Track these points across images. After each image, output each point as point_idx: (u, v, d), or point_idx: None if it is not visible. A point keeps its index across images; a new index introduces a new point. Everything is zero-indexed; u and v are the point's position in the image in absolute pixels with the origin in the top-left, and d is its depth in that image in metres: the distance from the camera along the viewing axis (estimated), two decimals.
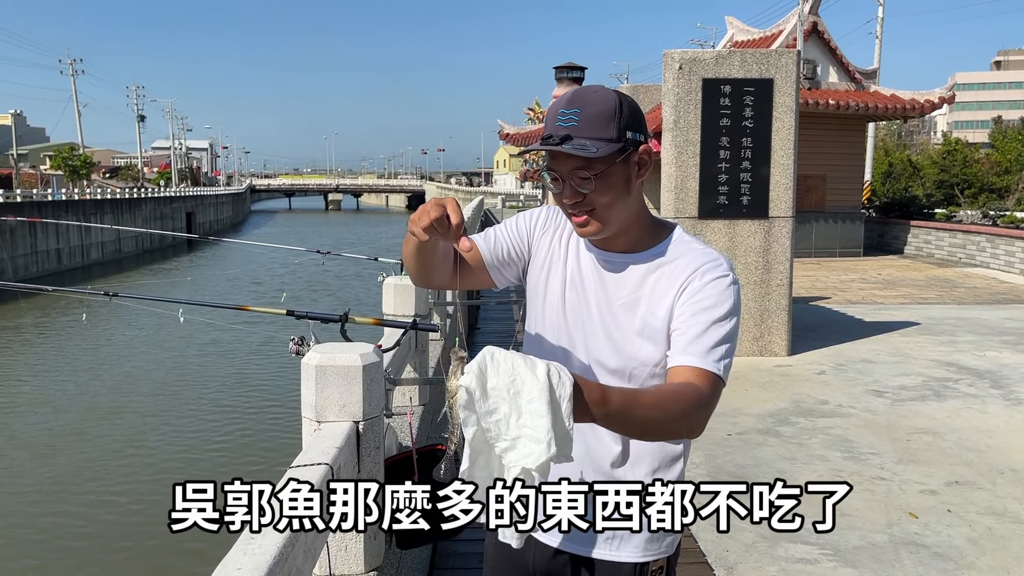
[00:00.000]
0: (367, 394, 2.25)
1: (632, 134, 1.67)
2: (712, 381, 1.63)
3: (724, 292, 1.69)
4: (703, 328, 1.67)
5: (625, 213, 1.74)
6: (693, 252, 1.76)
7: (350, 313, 2.57)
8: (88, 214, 39.77)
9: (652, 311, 1.74)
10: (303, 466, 1.88)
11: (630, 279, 1.77)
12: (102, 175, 77.74)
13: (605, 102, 1.65)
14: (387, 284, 4.15)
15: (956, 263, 19.66)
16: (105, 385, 14.81)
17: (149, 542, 8.40)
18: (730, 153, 8.89)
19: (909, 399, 7.42)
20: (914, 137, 65.58)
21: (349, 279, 28.19)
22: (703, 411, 1.59)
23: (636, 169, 1.71)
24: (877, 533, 4.58)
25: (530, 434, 1.28)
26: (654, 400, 1.51)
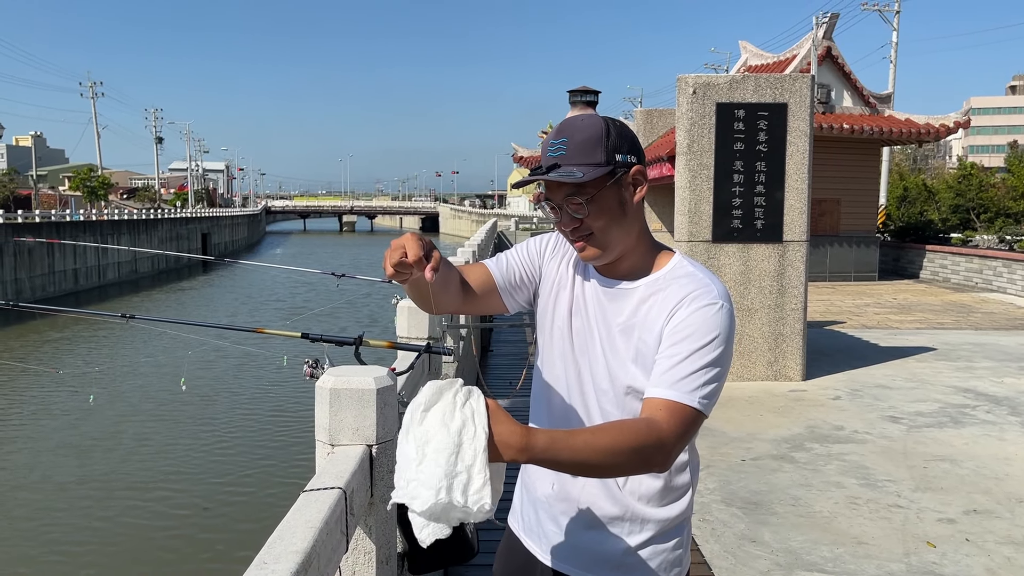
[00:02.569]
0: (381, 417, 2.25)
1: (622, 156, 1.69)
2: (679, 412, 1.59)
3: (710, 320, 1.66)
4: (681, 358, 1.64)
5: (623, 236, 1.75)
6: (686, 278, 1.74)
7: (364, 336, 2.58)
8: (105, 235, 40.14)
9: (643, 339, 1.73)
10: (316, 490, 1.88)
11: (627, 305, 1.78)
12: (120, 196, 78.53)
13: (591, 128, 1.68)
14: (401, 307, 4.16)
15: (972, 288, 19.53)
16: (115, 407, 14.82)
17: (153, 569, 8.40)
18: (744, 177, 8.89)
19: (926, 425, 7.35)
20: (929, 161, 65.44)
21: (363, 300, 28.25)
22: (657, 444, 1.53)
23: (630, 190, 1.73)
24: (894, 562, 4.52)
25: (424, 480, 1.37)
26: (586, 441, 1.47)
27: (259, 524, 9.16)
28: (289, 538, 1.61)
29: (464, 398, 1.41)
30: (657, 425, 1.56)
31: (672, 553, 1.85)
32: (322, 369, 2.50)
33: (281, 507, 6.40)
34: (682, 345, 1.65)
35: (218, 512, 9.77)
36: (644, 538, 1.82)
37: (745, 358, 8.91)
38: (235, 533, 9.12)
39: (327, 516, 1.73)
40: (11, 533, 9.21)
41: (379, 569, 2.28)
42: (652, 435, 1.53)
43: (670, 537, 1.85)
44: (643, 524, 1.82)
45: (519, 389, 7.31)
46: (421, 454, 1.39)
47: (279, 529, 1.66)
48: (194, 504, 9.96)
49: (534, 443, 1.41)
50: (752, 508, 5.33)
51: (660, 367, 1.66)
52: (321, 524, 1.68)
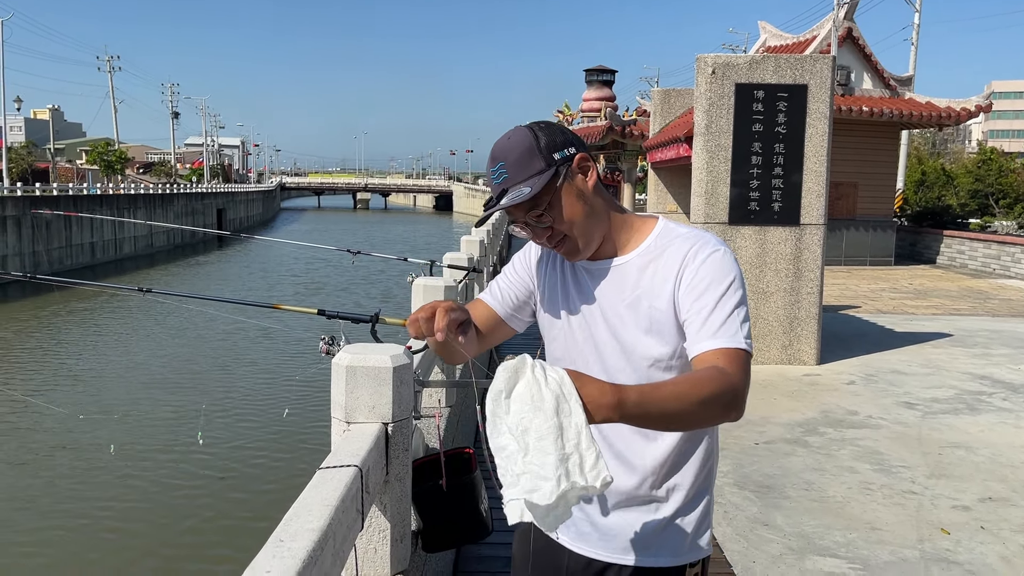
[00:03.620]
0: (397, 396, 2.24)
1: (559, 154, 1.71)
2: (735, 356, 1.62)
3: (720, 265, 1.70)
4: (711, 308, 1.67)
5: (596, 223, 1.77)
6: (679, 239, 1.77)
7: (381, 313, 2.56)
8: (122, 208, 40.32)
9: (655, 305, 1.74)
10: (332, 468, 1.87)
11: (627, 279, 1.78)
12: (136, 170, 78.83)
13: (521, 142, 1.71)
14: (416, 285, 4.15)
15: (990, 274, 19.36)
16: (129, 379, 14.94)
17: (170, 541, 8.48)
18: (762, 159, 8.81)
19: (941, 412, 7.30)
20: (948, 146, 64.84)
21: (377, 277, 28.32)
22: (733, 390, 1.56)
23: (581, 179, 1.75)
24: (908, 549, 4.50)
25: (536, 471, 1.31)
26: (673, 391, 1.49)
27: (273, 497, 9.24)
28: (305, 516, 1.60)
29: (543, 373, 1.36)
30: (723, 370, 1.58)
31: (697, 527, 1.85)
32: (338, 346, 2.49)
33: (295, 481, 6.49)
34: (706, 297, 1.68)
35: (233, 484, 9.85)
36: (668, 514, 1.82)
37: (759, 341, 8.86)
38: (251, 505, 9.19)
39: (343, 494, 1.73)
40: (30, 497, 9.33)
41: (393, 547, 2.28)
42: (726, 381, 1.55)
43: (693, 510, 1.85)
44: (666, 500, 1.82)
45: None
46: (523, 444, 1.33)
47: (295, 507, 1.65)
48: (207, 475, 10.04)
49: (626, 399, 1.40)
50: (765, 492, 5.32)
51: (694, 323, 1.68)
52: (337, 502, 1.68)
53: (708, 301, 1.68)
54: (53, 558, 8.05)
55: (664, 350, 1.75)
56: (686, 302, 1.70)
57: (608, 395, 1.38)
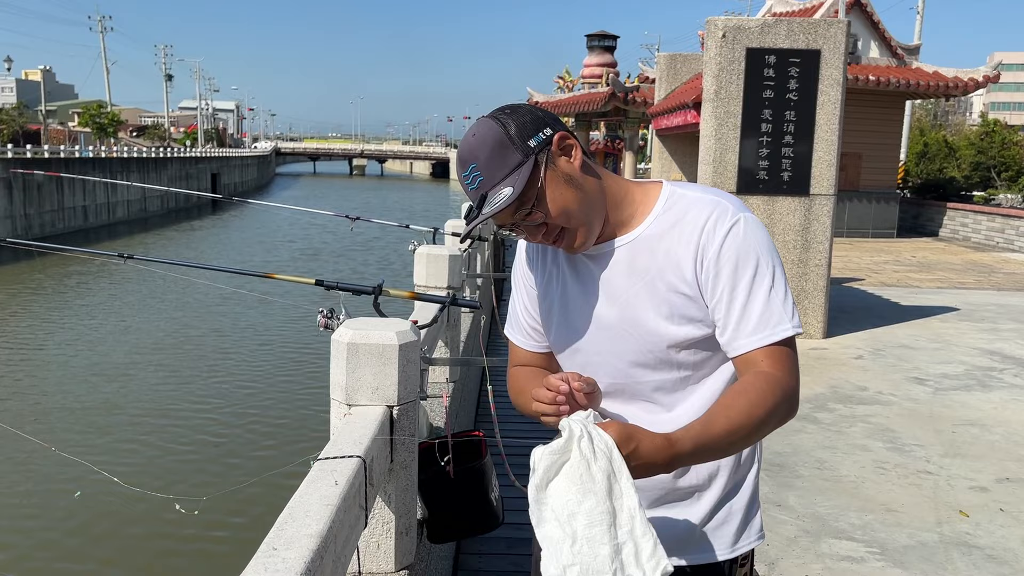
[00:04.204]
0: (403, 376, 2.04)
1: (534, 139, 1.50)
2: (780, 354, 1.50)
3: (744, 238, 1.51)
4: (744, 298, 1.50)
5: (593, 207, 1.55)
6: (693, 206, 1.55)
7: (384, 285, 2.35)
8: (115, 172, 39.84)
9: (672, 286, 1.54)
10: (333, 458, 1.67)
11: (637, 261, 1.57)
12: (129, 133, 78.01)
13: (489, 136, 1.49)
14: (419, 254, 3.92)
15: (993, 248, 19.17)
16: (108, 355, 14.35)
17: (157, 543, 8.32)
18: (772, 127, 8.55)
19: (952, 388, 7.14)
20: (949, 117, 64.38)
21: (376, 243, 28.05)
22: (787, 397, 1.47)
23: (565, 160, 1.53)
24: (926, 532, 4.34)
25: (587, 562, 1.20)
26: (727, 427, 1.40)
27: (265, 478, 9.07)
28: (302, 518, 1.40)
29: (591, 447, 1.23)
30: (773, 377, 1.47)
31: (746, 513, 1.68)
32: (338, 320, 2.29)
33: (289, 453, 6.21)
34: (736, 283, 1.50)
35: (220, 461, 9.69)
36: (712, 504, 1.65)
37: None
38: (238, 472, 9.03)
39: (345, 491, 1.53)
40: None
41: (398, 540, 2.09)
42: (778, 390, 1.45)
43: (740, 494, 1.68)
44: (708, 488, 1.64)
45: None
46: (570, 531, 1.21)
47: (291, 507, 1.45)
48: (194, 451, 9.87)
49: (680, 452, 1.34)
50: (776, 470, 5.15)
51: (729, 318, 1.51)
52: (339, 501, 1.48)
53: (740, 289, 1.50)
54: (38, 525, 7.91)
55: (689, 332, 1.56)
56: (713, 289, 1.52)
57: (662, 452, 1.32)
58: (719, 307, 1.52)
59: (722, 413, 1.44)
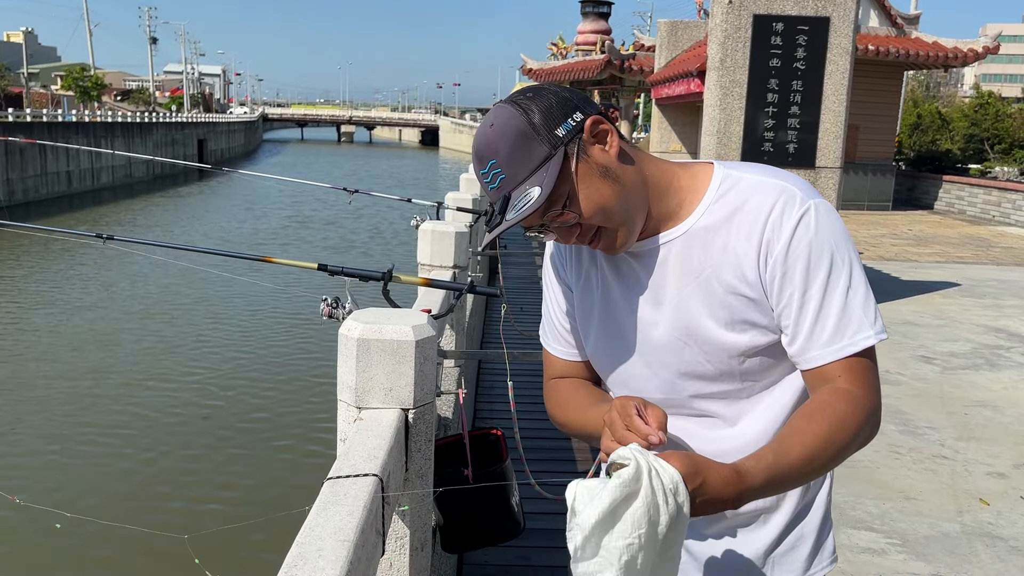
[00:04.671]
0: (419, 375, 1.81)
1: (563, 127, 1.26)
2: (860, 367, 1.29)
3: (818, 232, 1.29)
4: (817, 304, 1.28)
5: (634, 200, 1.31)
6: (753, 192, 1.32)
7: (394, 270, 2.12)
8: (99, 137, 39.13)
9: (731, 287, 1.32)
10: (344, 477, 1.45)
11: (689, 259, 1.35)
12: (113, 97, 76.79)
13: (510, 127, 1.26)
14: (423, 231, 3.67)
15: (989, 221, 19.04)
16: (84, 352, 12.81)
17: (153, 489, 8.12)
18: (779, 96, 8.30)
19: (960, 367, 6.99)
20: (941, 89, 64.10)
21: (372, 216, 27.66)
22: (869, 418, 1.28)
23: (600, 148, 1.28)
24: (947, 522, 4.18)
25: None
26: (803, 456, 1.23)
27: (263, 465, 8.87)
28: (314, 559, 1.19)
29: (660, 482, 1.09)
30: (853, 396, 1.27)
31: (819, 533, 1.48)
32: (343, 308, 2.06)
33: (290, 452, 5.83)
34: (810, 287, 1.29)
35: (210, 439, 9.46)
36: (782, 526, 1.45)
37: None
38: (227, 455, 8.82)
39: (362, 521, 1.31)
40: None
41: (413, 557, 1.88)
42: (860, 411, 1.27)
43: (812, 513, 1.48)
44: (776, 509, 1.44)
45: None
46: None
47: (300, 544, 1.23)
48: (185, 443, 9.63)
49: (751, 486, 1.18)
50: None
51: (801, 326, 1.29)
52: (356, 536, 1.26)
53: (812, 292, 1.28)
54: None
55: (753, 339, 1.34)
56: (780, 291, 1.30)
57: (731, 487, 1.16)
58: (787, 312, 1.31)
59: (797, 439, 1.24)
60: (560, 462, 4.71)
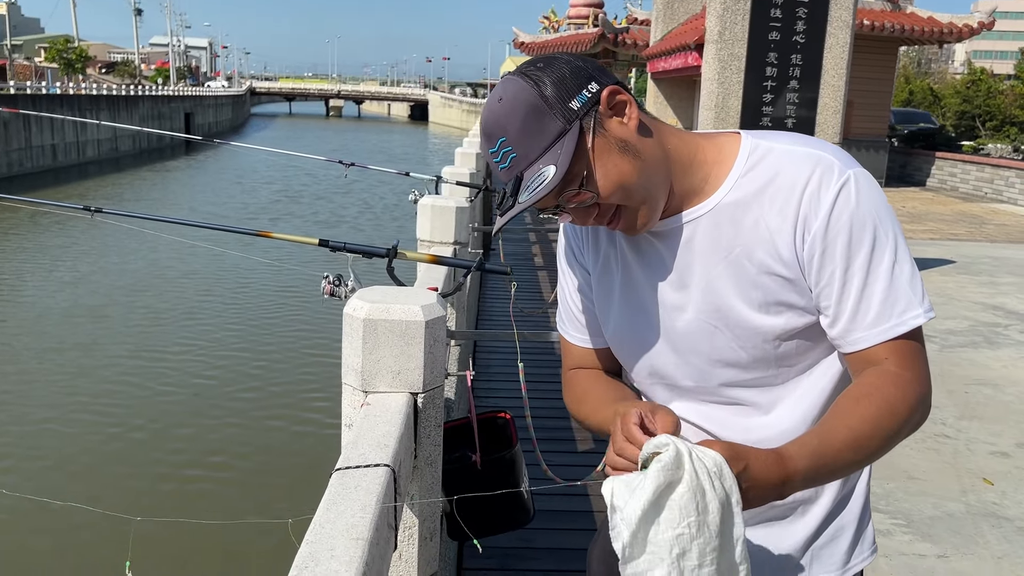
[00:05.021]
0: (429, 358, 1.72)
1: (578, 100, 1.16)
2: (907, 349, 1.21)
3: (859, 205, 1.19)
4: (860, 283, 1.19)
5: (656, 176, 1.21)
6: (785, 163, 1.23)
7: (399, 246, 2.02)
8: (84, 110, 38.59)
9: (764, 267, 1.23)
10: (354, 468, 1.35)
11: (718, 238, 1.25)
12: (98, 70, 75.82)
13: (520, 102, 1.16)
14: (423, 205, 3.54)
15: (982, 198, 19.02)
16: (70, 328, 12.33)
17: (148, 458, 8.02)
18: (778, 71, 8.18)
19: (959, 345, 6.94)
20: (932, 66, 63.98)
21: (365, 189, 27.43)
22: (920, 402, 1.21)
23: (618, 122, 1.18)
24: (951, 502, 4.14)
25: None
26: (849, 441, 1.16)
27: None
28: (327, 561, 1.09)
29: (703, 466, 1.02)
30: (902, 379, 1.19)
31: (858, 526, 1.40)
32: (345, 286, 1.96)
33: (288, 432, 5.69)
34: (852, 263, 1.19)
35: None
36: (819, 519, 1.36)
37: None
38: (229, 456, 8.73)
39: (375, 517, 1.21)
40: None
41: (422, 547, 1.79)
42: (910, 395, 1.19)
43: (851, 505, 1.39)
44: (815, 501, 1.36)
45: (552, 300, 6.70)
46: (678, 570, 1.03)
47: (310, 543, 1.14)
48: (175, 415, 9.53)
49: (795, 472, 1.11)
50: None
51: (843, 307, 1.21)
52: (370, 534, 1.17)
53: (855, 270, 1.19)
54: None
55: (789, 322, 1.25)
56: (820, 269, 1.21)
57: (774, 472, 1.09)
58: (828, 292, 1.21)
59: (842, 423, 1.17)
60: (564, 441, 4.63)
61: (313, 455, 7.70)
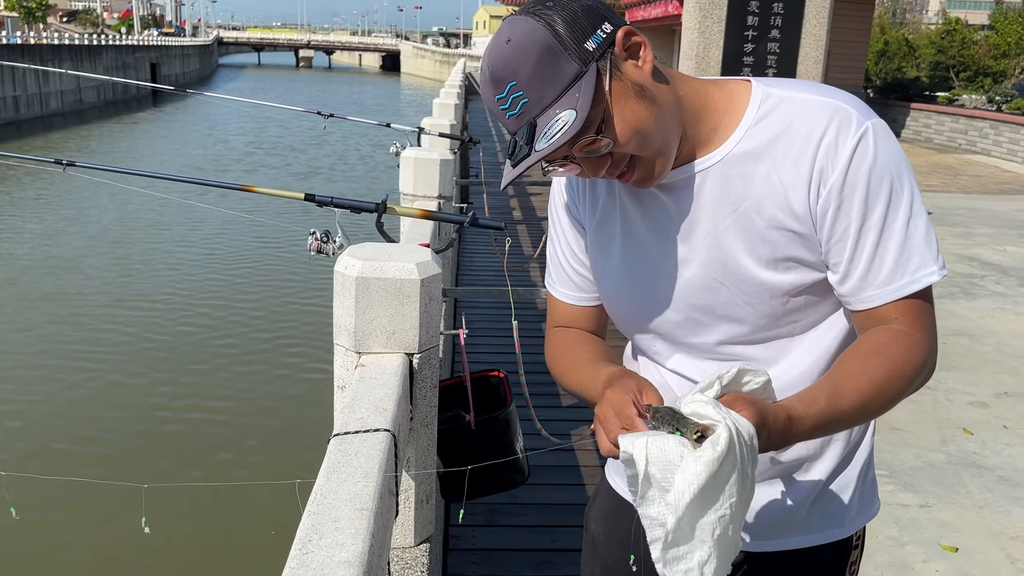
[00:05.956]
0: (424, 317, 1.66)
1: (593, 40, 1.08)
2: (917, 309, 1.17)
3: (877, 157, 1.13)
4: (875, 238, 1.15)
5: (670, 123, 1.14)
6: (800, 112, 1.16)
7: (388, 200, 1.94)
8: (45, 60, 37.48)
9: (775, 221, 1.17)
10: (353, 433, 1.30)
11: (727, 190, 1.19)
12: (59, 19, 73.65)
13: (532, 43, 1.07)
14: (406, 158, 3.43)
15: (956, 149, 19.11)
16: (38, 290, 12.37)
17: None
18: (759, 19, 8.07)
19: (936, 296, 6.76)
20: (907, 15, 63.89)
21: (330, 140, 27.02)
22: (925, 362, 1.17)
23: (633, 64, 1.11)
24: (932, 452, 4.18)
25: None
26: (855, 402, 1.12)
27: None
28: (331, 534, 1.04)
29: (746, 448, 0.97)
30: (911, 338, 1.16)
31: (861, 479, 1.37)
32: (334, 243, 1.88)
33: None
34: (868, 218, 1.14)
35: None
36: (826, 473, 1.33)
37: None
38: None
39: (379, 485, 1.16)
40: None
41: (418, 511, 1.75)
42: (919, 355, 1.16)
43: (857, 458, 1.37)
44: (820, 456, 1.32)
45: (538, 256, 6.64)
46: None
47: (312, 514, 1.09)
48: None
49: (798, 432, 1.07)
50: None
51: (856, 263, 1.16)
52: (375, 503, 1.12)
53: (871, 225, 1.14)
54: None
55: (797, 278, 1.20)
56: (833, 224, 1.15)
57: (780, 436, 1.06)
58: (840, 248, 1.16)
59: (851, 384, 1.12)
60: (549, 396, 4.61)
61: (298, 410, 7.68)
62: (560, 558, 3.19)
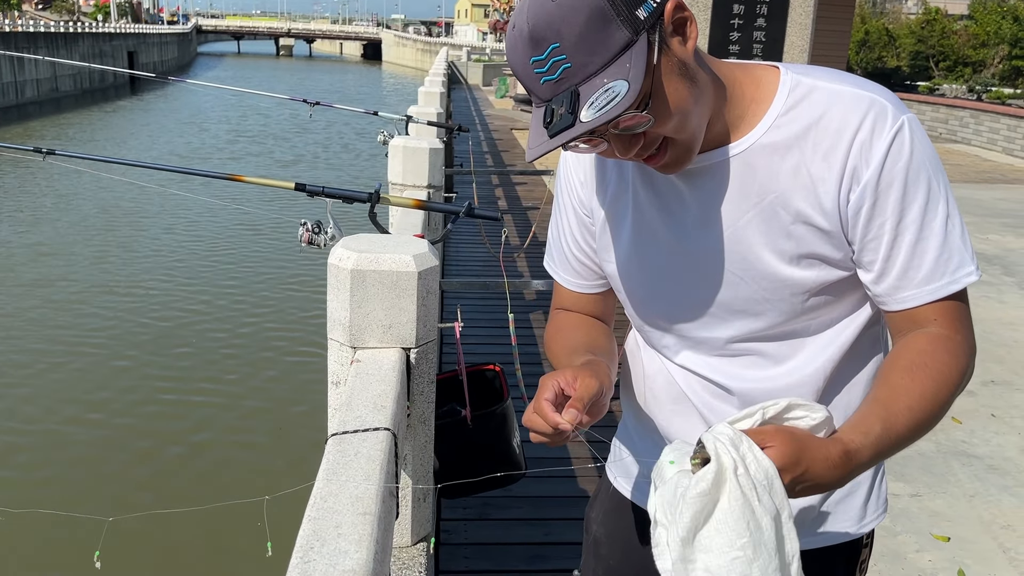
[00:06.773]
0: (422, 310, 1.61)
1: (644, 9, 0.99)
2: (955, 311, 1.13)
3: (912, 154, 1.09)
4: (912, 238, 1.10)
5: (705, 108, 1.09)
6: (833, 103, 1.11)
7: (381, 190, 1.88)
8: (20, 48, 36.89)
9: (801, 216, 1.13)
10: (352, 432, 1.25)
11: (752, 179, 1.14)
12: (34, 6, 72.55)
13: (582, 3, 0.97)
14: (394, 147, 3.37)
15: (937, 138, 19.22)
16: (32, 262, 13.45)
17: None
18: (745, 7, 8.04)
19: None
20: (887, 5, 64.06)
21: (314, 128, 26.78)
22: (969, 364, 1.14)
23: (679, 41, 1.04)
24: (922, 441, 4.15)
25: None
26: (911, 422, 1.07)
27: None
28: (334, 539, 0.99)
29: (749, 479, 0.92)
30: (952, 342, 1.12)
31: (874, 479, 1.36)
32: (326, 234, 1.83)
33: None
34: (904, 217, 1.10)
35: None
36: None
37: None
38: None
39: (380, 487, 1.12)
40: None
41: (416, 509, 1.71)
42: (960, 359, 1.12)
43: None
44: None
45: (527, 247, 6.59)
46: None
47: (312, 518, 1.04)
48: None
49: (858, 464, 1.01)
50: None
51: (892, 263, 1.11)
52: (378, 507, 1.07)
53: (908, 223, 1.09)
54: None
55: (820, 276, 1.16)
56: (868, 222, 1.11)
57: (838, 470, 0.99)
58: (875, 246, 1.12)
59: (903, 402, 1.07)
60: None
61: (288, 406, 7.60)
62: (553, 551, 3.16)
